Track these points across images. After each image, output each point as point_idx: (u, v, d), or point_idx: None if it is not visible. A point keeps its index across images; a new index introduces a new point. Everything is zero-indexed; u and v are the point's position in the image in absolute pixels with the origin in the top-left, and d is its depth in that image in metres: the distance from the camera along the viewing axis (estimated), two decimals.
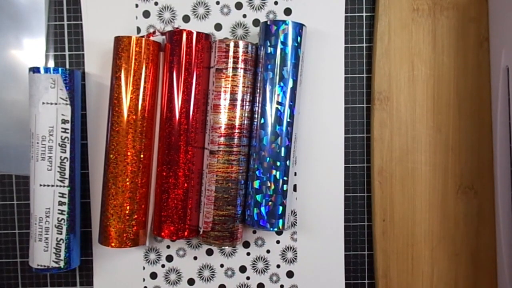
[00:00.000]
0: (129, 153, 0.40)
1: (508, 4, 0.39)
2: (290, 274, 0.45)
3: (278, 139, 0.40)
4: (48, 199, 0.40)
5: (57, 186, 0.40)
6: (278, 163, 0.40)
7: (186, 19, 0.43)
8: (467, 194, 0.44)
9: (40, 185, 0.40)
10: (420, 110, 0.44)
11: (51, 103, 0.40)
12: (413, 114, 0.44)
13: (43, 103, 0.40)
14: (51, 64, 0.45)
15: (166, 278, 0.45)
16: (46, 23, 0.44)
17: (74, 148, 0.41)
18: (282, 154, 0.40)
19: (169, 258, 0.45)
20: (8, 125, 0.44)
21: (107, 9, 0.44)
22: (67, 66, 0.45)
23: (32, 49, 0.44)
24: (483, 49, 0.43)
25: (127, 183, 0.40)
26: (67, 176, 0.41)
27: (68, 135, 0.41)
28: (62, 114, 0.40)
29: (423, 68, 0.44)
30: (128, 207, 0.40)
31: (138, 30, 0.44)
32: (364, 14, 0.44)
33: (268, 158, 0.40)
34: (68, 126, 0.40)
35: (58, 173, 0.40)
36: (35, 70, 0.40)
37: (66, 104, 0.40)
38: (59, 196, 0.40)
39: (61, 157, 0.40)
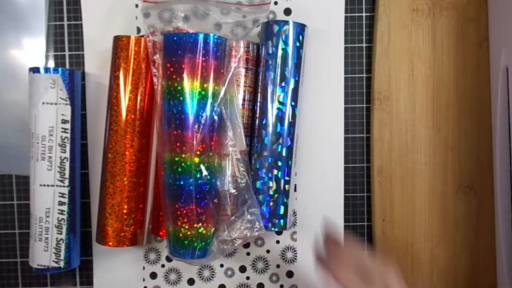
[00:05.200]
0: (127, 153, 0.40)
1: (507, 4, 0.39)
2: (290, 274, 0.45)
3: (279, 139, 0.40)
4: (48, 199, 0.40)
5: (57, 186, 0.40)
6: (280, 163, 0.40)
7: (186, 19, 0.43)
8: (466, 194, 0.44)
9: (40, 185, 0.40)
10: (419, 110, 0.44)
11: (51, 103, 0.40)
12: (413, 114, 0.44)
13: (43, 103, 0.40)
14: (51, 64, 0.45)
15: (166, 278, 0.45)
16: (46, 23, 0.44)
17: (74, 148, 0.41)
18: (284, 154, 0.40)
19: (169, 258, 0.45)
20: (8, 125, 0.44)
21: (107, 9, 0.44)
22: (67, 66, 0.45)
23: (32, 49, 0.44)
24: (482, 49, 0.43)
25: (125, 183, 0.40)
26: (67, 176, 0.41)
27: (68, 135, 0.41)
28: (62, 114, 0.40)
29: (423, 68, 0.44)
30: (126, 207, 0.40)
31: (138, 30, 0.44)
32: (364, 14, 0.44)
33: (269, 158, 0.40)
34: (68, 126, 0.40)
35: (58, 173, 0.40)
36: (35, 70, 0.40)
37: (66, 104, 0.40)
38: (59, 196, 0.40)
39: (61, 157, 0.40)
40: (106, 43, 0.43)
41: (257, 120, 0.41)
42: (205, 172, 0.37)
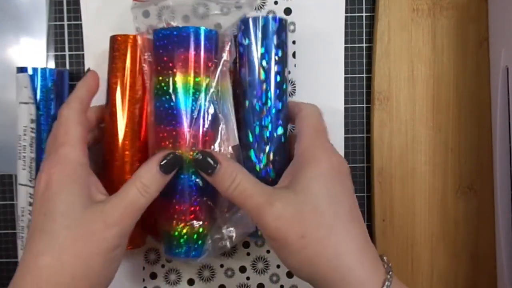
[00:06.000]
0: (126, 153, 0.39)
1: (508, 4, 0.39)
2: (290, 274, 0.45)
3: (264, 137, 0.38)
4: (23, 199, 0.40)
5: (28, 186, 0.40)
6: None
7: (185, 19, 0.43)
8: (466, 194, 0.44)
9: (19, 184, 0.40)
10: (420, 110, 0.44)
11: (25, 103, 0.40)
12: (413, 114, 0.44)
13: (20, 102, 0.40)
14: (51, 64, 0.45)
15: (166, 278, 0.45)
16: (47, 23, 0.44)
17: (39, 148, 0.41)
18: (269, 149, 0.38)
19: (169, 258, 0.45)
20: (8, 125, 0.44)
21: (107, 9, 0.44)
22: (67, 66, 0.45)
23: (32, 50, 0.44)
24: (482, 49, 0.43)
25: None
26: (34, 176, 0.40)
27: (35, 135, 0.40)
28: (30, 114, 0.40)
29: (422, 68, 0.44)
30: None
31: (138, 30, 0.44)
32: (364, 14, 0.44)
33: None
34: (34, 125, 0.40)
35: (29, 173, 0.40)
36: (19, 70, 0.40)
37: (33, 103, 0.40)
38: (29, 197, 0.40)
39: (30, 157, 0.40)
40: (106, 43, 0.43)
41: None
42: None
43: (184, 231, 0.37)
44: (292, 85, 0.44)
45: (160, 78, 0.37)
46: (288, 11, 0.44)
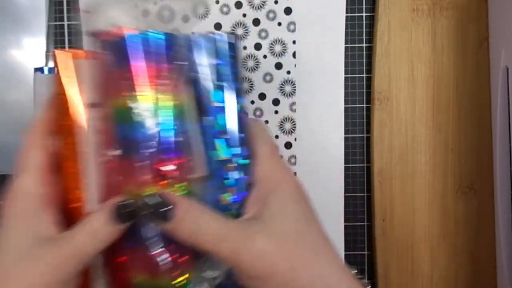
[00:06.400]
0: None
1: (508, 4, 0.39)
2: None
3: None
4: None
5: None
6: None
7: (185, 18, 0.43)
8: (466, 194, 0.44)
9: None
10: (420, 110, 0.44)
11: None
12: (413, 114, 0.44)
13: None
14: (51, 64, 0.45)
15: None
16: (47, 23, 0.44)
17: None
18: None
19: None
20: (8, 125, 0.44)
21: (105, 8, 0.44)
22: None
23: (32, 49, 0.44)
24: (482, 49, 0.43)
25: None
26: None
27: None
28: None
29: (422, 68, 0.44)
30: None
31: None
32: (364, 14, 0.44)
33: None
34: None
35: None
36: (39, 70, 0.40)
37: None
38: None
39: None
40: None
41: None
42: None
43: (164, 283, 0.29)
44: (292, 85, 0.44)
45: (117, 101, 0.28)
46: (288, 11, 0.44)
